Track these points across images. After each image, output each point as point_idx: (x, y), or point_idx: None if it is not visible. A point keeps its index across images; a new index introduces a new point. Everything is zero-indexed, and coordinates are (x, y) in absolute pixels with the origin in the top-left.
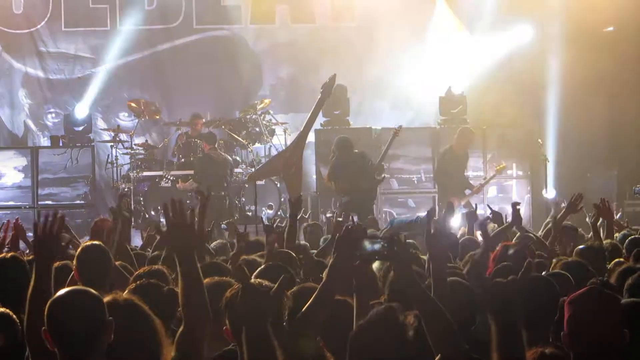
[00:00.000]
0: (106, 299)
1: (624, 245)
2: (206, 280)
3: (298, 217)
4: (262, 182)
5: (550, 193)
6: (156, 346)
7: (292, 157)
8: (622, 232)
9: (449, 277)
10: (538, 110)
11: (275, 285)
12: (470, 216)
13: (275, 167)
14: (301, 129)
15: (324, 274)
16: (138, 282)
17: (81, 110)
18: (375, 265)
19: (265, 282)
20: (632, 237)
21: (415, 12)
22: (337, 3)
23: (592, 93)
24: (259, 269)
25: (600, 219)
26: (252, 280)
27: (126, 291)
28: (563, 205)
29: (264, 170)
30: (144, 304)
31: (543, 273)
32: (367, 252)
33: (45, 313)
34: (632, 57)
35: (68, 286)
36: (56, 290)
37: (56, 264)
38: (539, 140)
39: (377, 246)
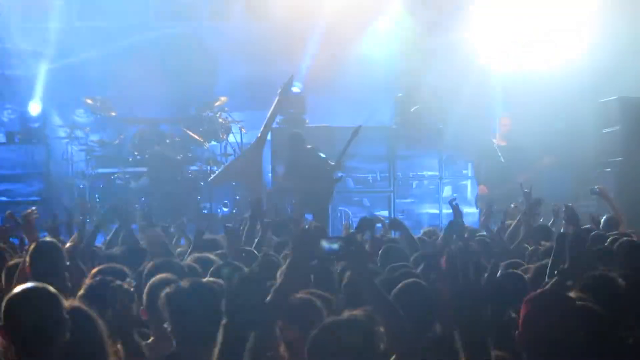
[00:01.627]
0: None
1: None
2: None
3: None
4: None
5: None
6: (101, 352)
7: (252, 158)
8: None
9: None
10: (493, 110)
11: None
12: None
13: (236, 170)
14: (260, 131)
15: (280, 273)
16: (92, 280)
17: (36, 107)
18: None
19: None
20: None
21: (372, 11)
22: (292, 2)
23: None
24: (214, 267)
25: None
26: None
27: (81, 289)
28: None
29: (225, 174)
30: (90, 310)
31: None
32: (324, 251)
33: (2, 310)
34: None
35: (17, 281)
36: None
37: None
38: (493, 140)
39: (334, 245)
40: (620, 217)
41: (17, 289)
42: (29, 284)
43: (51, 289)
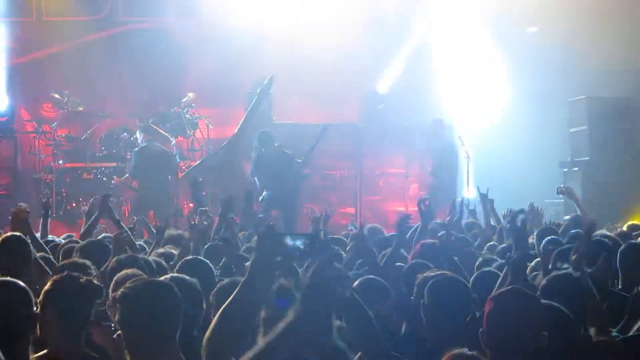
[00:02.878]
0: None
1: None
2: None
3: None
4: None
5: (471, 192)
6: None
7: (227, 156)
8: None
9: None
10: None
11: None
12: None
13: (210, 166)
14: (236, 129)
15: (246, 269)
16: (58, 275)
17: (2, 101)
18: None
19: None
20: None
21: (342, 2)
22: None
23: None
24: (179, 262)
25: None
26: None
27: (47, 284)
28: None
29: (199, 169)
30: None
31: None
32: (288, 247)
33: None
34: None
35: None
36: None
37: None
38: (460, 136)
39: (298, 242)
40: (585, 216)
41: None
42: None
43: (20, 282)
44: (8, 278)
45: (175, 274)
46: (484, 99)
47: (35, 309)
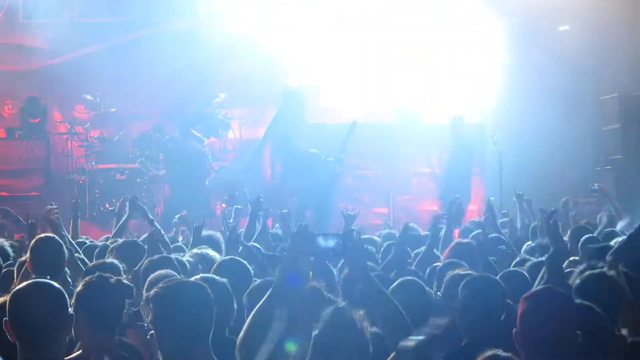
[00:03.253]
0: None
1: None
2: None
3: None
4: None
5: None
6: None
7: (252, 161)
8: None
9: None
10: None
11: None
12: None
13: (235, 172)
14: (261, 136)
15: (277, 270)
16: (89, 277)
17: (36, 102)
18: None
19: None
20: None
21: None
22: None
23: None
24: (217, 263)
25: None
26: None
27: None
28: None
29: (224, 176)
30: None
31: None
32: (321, 248)
33: (7, 305)
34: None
35: (22, 278)
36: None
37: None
38: (493, 136)
39: (331, 242)
40: (620, 214)
41: (22, 284)
42: (34, 280)
43: (56, 284)
44: (43, 279)
45: (206, 274)
46: (515, 97)
47: (70, 310)
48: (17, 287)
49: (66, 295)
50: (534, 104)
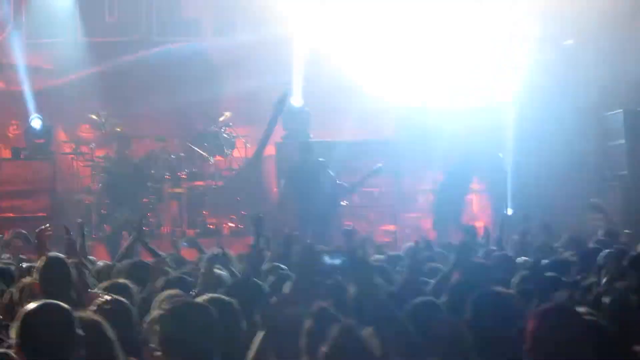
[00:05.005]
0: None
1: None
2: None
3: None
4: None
5: (511, 210)
6: None
7: (249, 175)
8: None
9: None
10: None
11: None
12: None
13: (234, 187)
14: (256, 147)
15: (285, 288)
16: (103, 301)
17: (39, 122)
18: None
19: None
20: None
21: (381, 22)
22: (298, 17)
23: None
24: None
25: None
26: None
27: (93, 307)
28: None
29: (227, 193)
30: (107, 324)
31: None
32: (327, 266)
33: (17, 326)
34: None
35: (30, 299)
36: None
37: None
38: (500, 154)
39: (337, 260)
40: (614, 229)
41: (31, 305)
42: (42, 301)
43: (65, 305)
44: (51, 300)
45: (214, 294)
46: (519, 113)
47: (78, 330)
48: (26, 309)
49: (73, 315)
50: (538, 119)
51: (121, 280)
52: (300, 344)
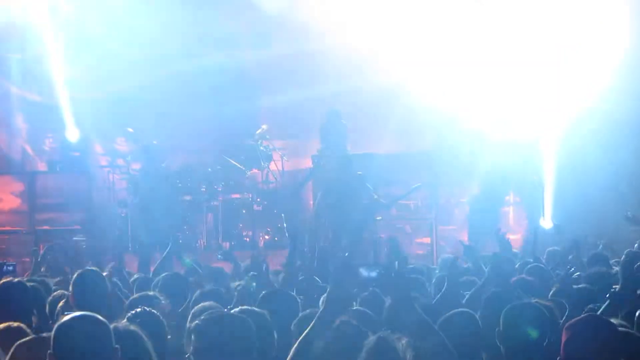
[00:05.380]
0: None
1: None
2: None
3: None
4: (260, 208)
5: (547, 222)
6: None
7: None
8: None
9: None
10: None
11: None
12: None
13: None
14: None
15: (322, 302)
16: (134, 311)
17: (74, 135)
18: None
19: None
20: None
21: (416, 35)
22: (335, 29)
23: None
24: (263, 295)
25: None
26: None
27: (124, 319)
28: None
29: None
30: (143, 333)
31: None
32: (364, 278)
33: (52, 337)
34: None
35: (62, 311)
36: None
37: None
38: (535, 177)
39: (373, 273)
40: None
41: (66, 317)
42: (77, 313)
43: (100, 317)
44: (88, 312)
45: (246, 307)
46: (556, 123)
47: (114, 344)
48: (62, 320)
49: (110, 327)
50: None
51: (151, 293)
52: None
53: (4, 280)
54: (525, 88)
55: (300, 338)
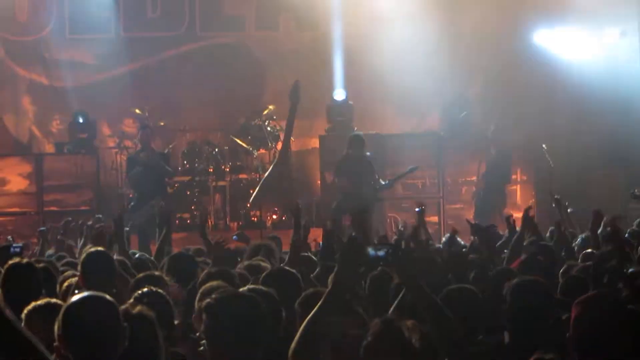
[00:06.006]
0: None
1: None
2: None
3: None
4: None
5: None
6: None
7: (280, 173)
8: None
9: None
10: (543, 114)
11: None
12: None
13: (269, 186)
14: (281, 143)
15: (330, 281)
16: (140, 291)
17: (84, 117)
18: None
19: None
20: None
21: (421, 15)
22: (339, 10)
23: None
24: (265, 273)
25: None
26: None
27: (131, 299)
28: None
29: (262, 196)
30: (152, 315)
31: None
32: (371, 258)
33: (60, 318)
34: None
35: (72, 293)
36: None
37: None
38: (543, 145)
39: (381, 252)
40: None
41: (74, 297)
42: (85, 293)
43: (108, 297)
44: (95, 292)
45: (253, 286)
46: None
47: (123, 322)
48: (70, 301)
49: (118, 307)
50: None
51: (156, 273)
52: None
53: (11, 261)
54: None
55: (308, 318)
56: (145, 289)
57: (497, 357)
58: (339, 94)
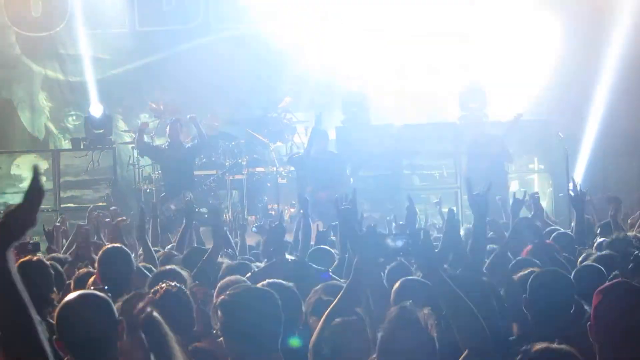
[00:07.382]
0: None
1: None
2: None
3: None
4: (285, 181)
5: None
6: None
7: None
8: None
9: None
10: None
11: None
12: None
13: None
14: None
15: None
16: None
17: (97, 111)
18: None
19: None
20: None
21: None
22: (354, 3)
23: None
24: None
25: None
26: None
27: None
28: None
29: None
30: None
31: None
32: (390, 248)
33: (55, 320)
34: None
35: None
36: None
37: (81, 271)
38: (560, 133)
39: (400, 243)
40: None
41: (68, 297)
42: (78, 292)
43: (100, 293)
44: (87, 290)
45: (273, 280)
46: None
47: (117, 316)
48: (62, 303)
49: (110, 301)
50: (605, 101)
51: (172, 267)
52: None
53: (23, 259)
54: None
55: (328, 310)
56: (163, 284)
57: (518, 347)
58: (353, 85)
